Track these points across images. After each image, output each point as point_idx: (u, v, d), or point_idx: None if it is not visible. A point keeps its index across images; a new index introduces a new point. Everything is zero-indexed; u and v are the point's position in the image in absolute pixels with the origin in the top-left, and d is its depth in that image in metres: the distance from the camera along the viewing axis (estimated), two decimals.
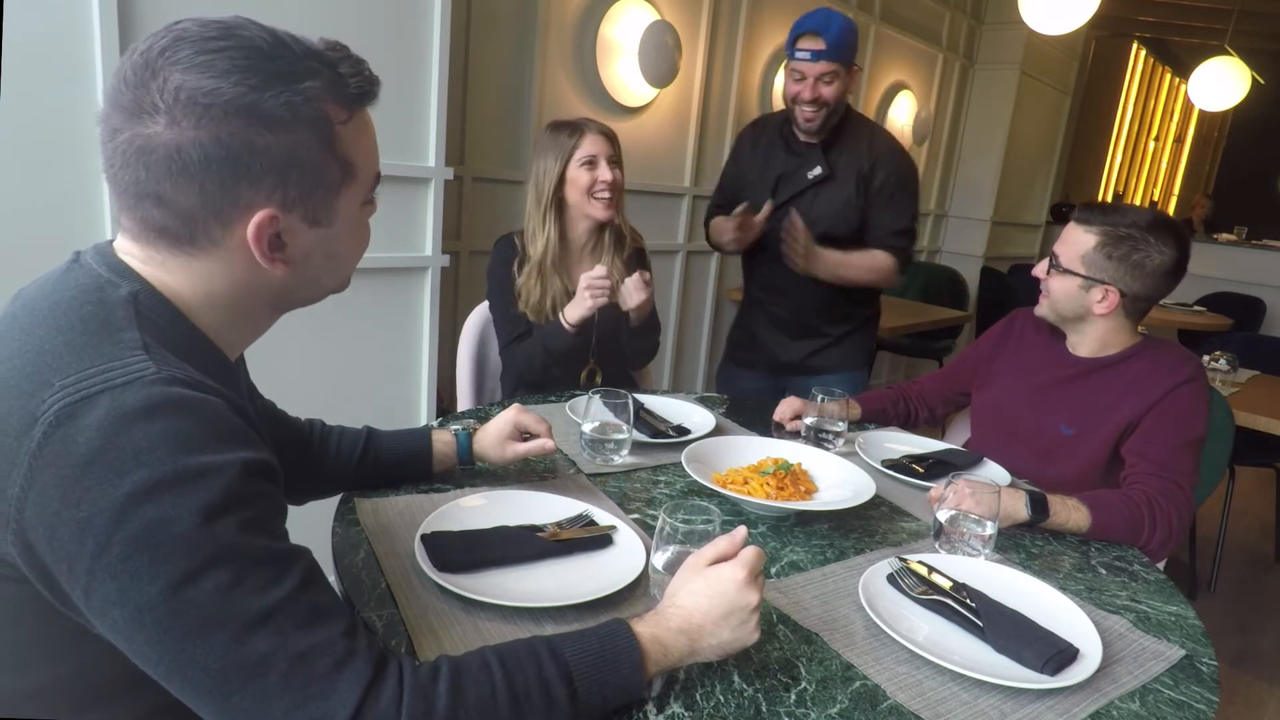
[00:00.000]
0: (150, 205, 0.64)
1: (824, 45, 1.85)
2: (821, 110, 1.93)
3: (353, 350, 1.90)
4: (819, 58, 1.86)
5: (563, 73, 2.63)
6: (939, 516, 1.08)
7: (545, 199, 1.71)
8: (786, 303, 2.12)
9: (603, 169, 1.69)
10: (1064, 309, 1.44)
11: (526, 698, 0.63)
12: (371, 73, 0.70)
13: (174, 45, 0.61)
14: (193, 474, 0.56)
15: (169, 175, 0.62)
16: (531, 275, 1.72)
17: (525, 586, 0.88)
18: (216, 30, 0.62)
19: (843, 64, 1.89)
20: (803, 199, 2.02)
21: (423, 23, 1.83)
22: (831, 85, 1.90)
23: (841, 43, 1.87)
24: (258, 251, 0.66)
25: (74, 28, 1.36)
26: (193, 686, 0.56)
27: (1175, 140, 10.13)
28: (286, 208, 0.66)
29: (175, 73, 0.60)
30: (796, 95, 1.93)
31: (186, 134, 0.61)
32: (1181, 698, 0.83)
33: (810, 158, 2.03)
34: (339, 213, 0.71)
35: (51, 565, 0.56)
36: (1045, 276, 1.45)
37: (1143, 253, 1.34)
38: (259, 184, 0.64)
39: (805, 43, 1.88)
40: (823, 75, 1.88)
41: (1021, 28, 3.67)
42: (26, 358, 0.59)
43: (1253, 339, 3.70)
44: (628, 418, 1.28)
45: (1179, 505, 1.25)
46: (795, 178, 2.04)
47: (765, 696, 0.76)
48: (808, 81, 1.89)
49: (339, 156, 0.68)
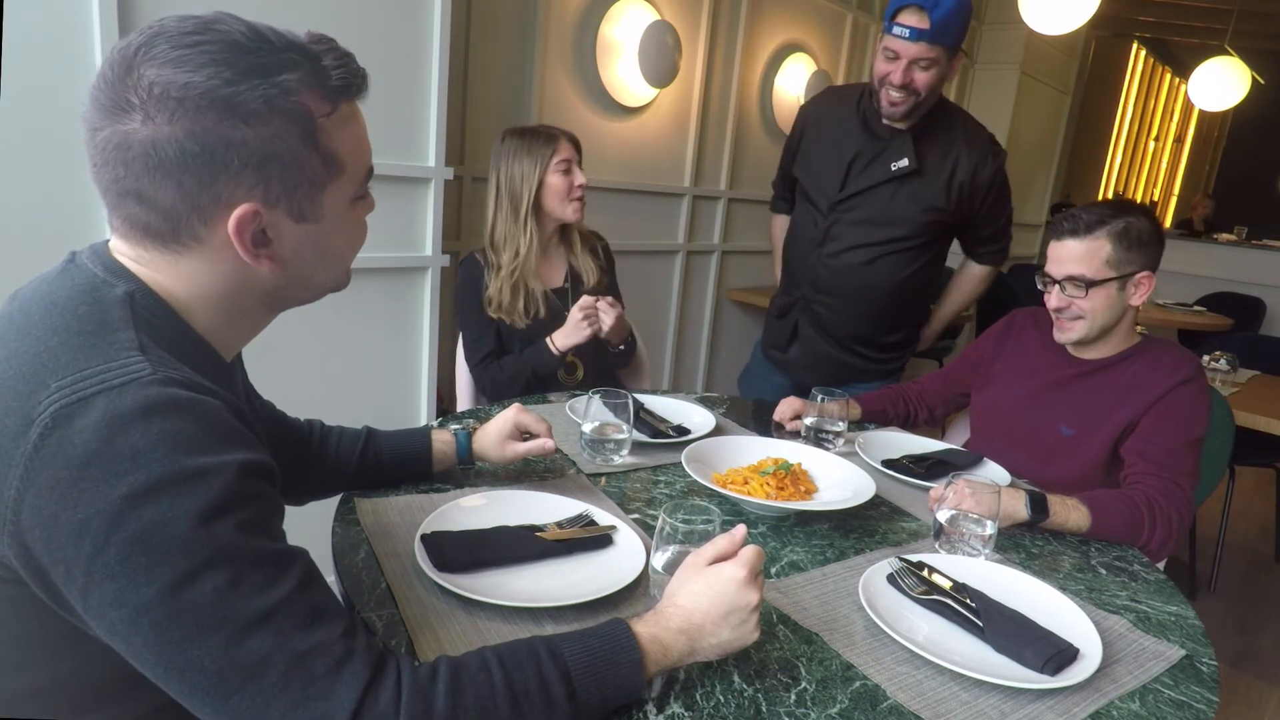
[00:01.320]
0: (132, 203, 0.63)
1: (928, 24, 1.60)
2: (910, 98, 1.69)
3: (353, 350, 1.90)
4: (919, 37, 1.61)
5: (563, 73, 2.63)
6: (939, 516, 1.08)
7: (526, 206, 1.73)
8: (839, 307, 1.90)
9: (577, 173, 1.76)
10: (1107, 320, 1.39)
11: (526, 698, 0.63)
12: (358, 65, 0.69)
13: (151, 41, 0.61)
14: (190, 475, 0.56)
15: (146, 172, 0.61)
16: (505, 283, 1.75)
17: (525, 586, 0.88)
18: (194, 25, 0.62)
19: (945, 48, 1.64)
20: (881, 191, 1.78)
21: (423, 23, 1.83)
22: (929, 71, 1.65)
23: (949, 23, 1.61)
24: (241, 247, 0.66)
25: (74, 28, 1.36)
26: (191, 688, 0.56)
27: (1175, 140, 10.14)
28: (269, 203, 0.65)
29: (151, 68, 0.60)
30: (885, 76, 1.68)
31: (162, 130, 0.60)
32: (1181, 698, 0.83)
33: (896, 146, 1.77)
34: (326, 208, 0.69)
35: (49, 567, 0.56)
36: (1071, 302, 1.38)
37: (1140, 229, 1.35)
38: (238, 179, 0.63)
39: (906, 17, 1.63)
40: (919, 60, 1.64)
41: (1021, 28, 3.66)
42: (22, 359, 0.59)
43: (1253, 339, 3.70)
44: (628, 418, 1.28)
45: (1179, 505, 1.25)
46: (875, 166, 1.78)
47: (765, 696, 0.76)
48: (900, 63, 1.65)
49: (322, 150, 0.66)
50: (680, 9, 2.93)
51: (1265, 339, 3.74)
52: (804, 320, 1.98)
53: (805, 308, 1.96)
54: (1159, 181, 10.12)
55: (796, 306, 1.99)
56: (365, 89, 0.70)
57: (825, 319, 1.94)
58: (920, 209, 1.78)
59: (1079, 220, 1.36)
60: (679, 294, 3.28)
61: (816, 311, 1.94)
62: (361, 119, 0.72)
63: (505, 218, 1.75)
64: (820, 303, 1.93)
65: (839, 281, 1.87)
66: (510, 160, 1.74)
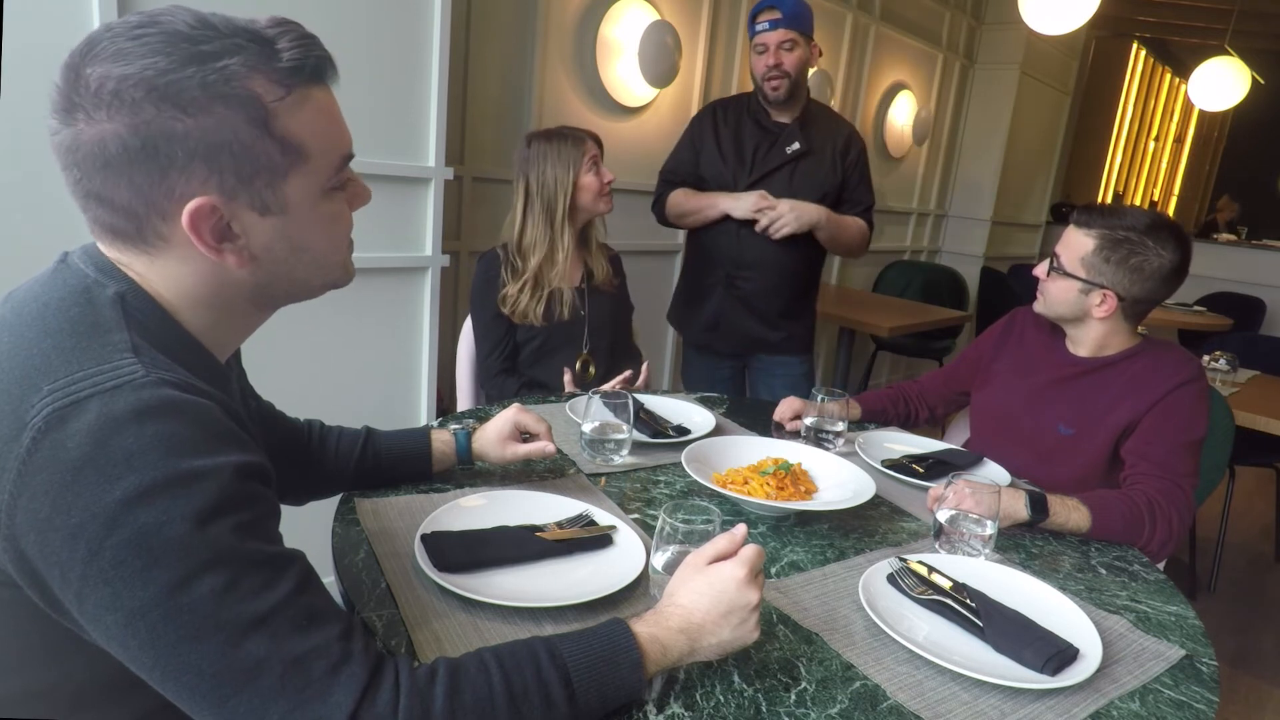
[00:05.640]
0: (95, 205, 0.62)
1: (780, 15, 1.99)
2: (785, 79, 2.02)
3: (353, 350, 1.90)
4: (776, 26, 2.00)
5: (563, 73, 2.63)
6: (939, 516, 1.08)
7: (563, 209, 1.75)
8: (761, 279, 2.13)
9: (605, 170, 1.81)
10: (1062, 311, 1.44)
11: (524, 699, 0.63)
12: (319, 48, 0.65)
13: (97, 39, 0.59)
14: (185, 478, 0.55)
15: (98, 171, 0.60)
16: (528, 284, 1.75)
17: (525, 586, 0.88)
18: (139, 19, 0.60)
19: (800, 33, 2.01)
20: (780, 174, 2.09)
21: (423, 23, 1.83)
22: (793, 53, 2.01)
23: (797, 13, 2.00)
24: (200, 243, 0.63)
25: (74, 28, 1.36)
26: (188, 691, 0.56)
27: (1175, 140, 10.14)
28: (227, 195, 0.63)
29: (95, 66, 0.58)
30: (763, 66, 2.04)
31: (105, 127, 0.59)
32: (1181, 698, 0.83)
33: (786, 134, 2.10)
34: (291, 198, 0.66)
35: (43, 571, 0.56)
36: (1044, 278, 1.45)
37: (1141, 256, 1.33)
38: (188, 172, 0.61)
39: (764, 16, 2.02)
40: (783, 43, 2.00)
41: (1021, 28, 3.66)
42: (15, 361, 0.58)
43: (1253, 339, 3.71)
44: (628, 418, 1.28)
45: (1179, 506, 1.25)
46: (772, 153, 2.10)
47: (765, 696, 0.76)
48: (770, 50, 2.01)
49: (278, 137, 0.63)
50: (680, 9, 2.93)
51: (1265, 339, 3.74)
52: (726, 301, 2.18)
53: (729, 288, 2.17)
54: (1159, 182, 10.11)
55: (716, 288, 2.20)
56: (327, 72, 0.67)
57: (747, 292, 2.16)
58: (815, 182, 2.11)
59: (1093, 212, 1.38)
60: None
61: (740, 288, 2.16)
62: (330, 103, 0.68)
63: (537, 222, 1.76)
64: (743, 279, 2.15)
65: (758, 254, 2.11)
66: (542, 165, 1.75)
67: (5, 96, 1.27)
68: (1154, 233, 1.33)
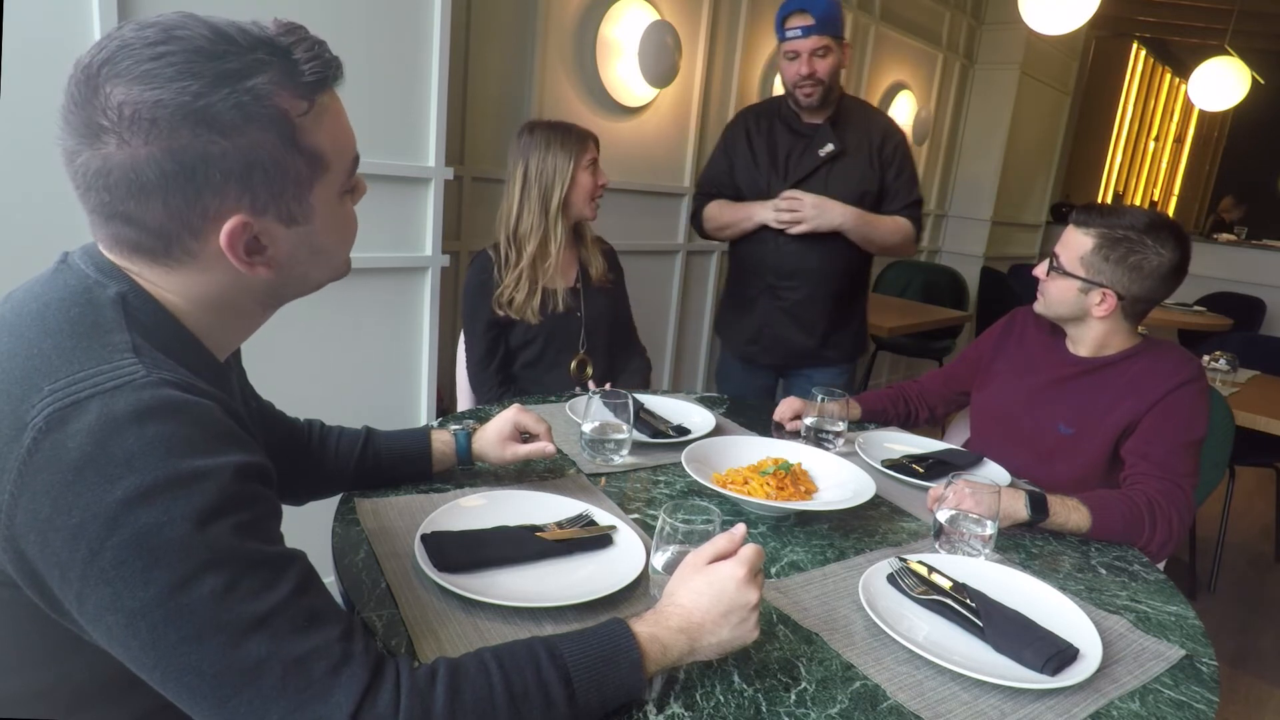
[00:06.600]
0: (120, 224, 0.62)
1: (812, 20, 1.91)
2: (819, 86, 1.96)
3: (353, 350, 1.90)
4: (809, 33, 1.92)
5: (563, 73, 2.63)
6: (939, 516, 1.08)
7: (557, 200, 1.72)
8: (805, 287, 2.07)
9: (601, 173, 1.78)
10: (1062, 311, 1.44)
11: (525, 699, 0.63)
12: (330, 54, 0.66)
13: (114, 56, 0.58)
14: (185, 478, 0.55)
15: (130, 195, 0.60)
16: (524, 279, 1.74)
17: (525, 586, 0.88)
18: (154, 34, 0.59)
19: (833, 38, 1.94)
20: (815, 177, 2.03)
21: (423, 23, 1.83)
22: (826, 59, 1.94)
23: (829, 16, 1.92)
24: (234, 258, 0.65)
25: (74, 28, 1.36)
26: (188, 692, 0.56)
27: (1175, 140, 10.13)
28: (258, 211, 0.64)
29: (118, 87, 0.58)
30: (794, 74, 1.97)
31: (139, 152, 0.59)
32: (1181, 698, 0.83)
33: (819, 136, 2.04)
34: (315, 207, 0.68)
35: (44, 572, 0.56)
36: (1044, 278, 1.45)
37: (1140, 254, 1.33)
38: (223, 192, 0.62)
39: (794, 21, 1.94)
40: (816, 50, 1.93)
41: (1021, 28, 3.66)
42: (15, 362, 0.58)
43: (1253, 339, 3.70)
44: (628, 418, 1.28)
45: (1179, 506, 1.25)
46: (806, 157, 2.04)
47: (765, 696, 0.76)
48: (803, 58, 1.94)
49: (304, 150, 0.65)
50: (680, 9, 2.93)
51: (1265, 339, 3.74)
52: (770, 311, 2.13)
53: (771, 297, 2.12)
54: (1159, 182, 10.11)
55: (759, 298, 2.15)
56: (340, 77, 0.67)
57: (791, 301, 2.10)
58: (851, 183, 2.02)
59: (1093, 212, 1.39)
60: (679, 294, 3.28)
61: (783, 297, 2.10)
62: (339, 107, 0.69)
63: (533, 210, 1.73)
64: (785, 288, 2.10)
65: (799, 261, 2.05)
66: (542, 152, 1.72)
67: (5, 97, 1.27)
68: (1153, 231, 1.33)
